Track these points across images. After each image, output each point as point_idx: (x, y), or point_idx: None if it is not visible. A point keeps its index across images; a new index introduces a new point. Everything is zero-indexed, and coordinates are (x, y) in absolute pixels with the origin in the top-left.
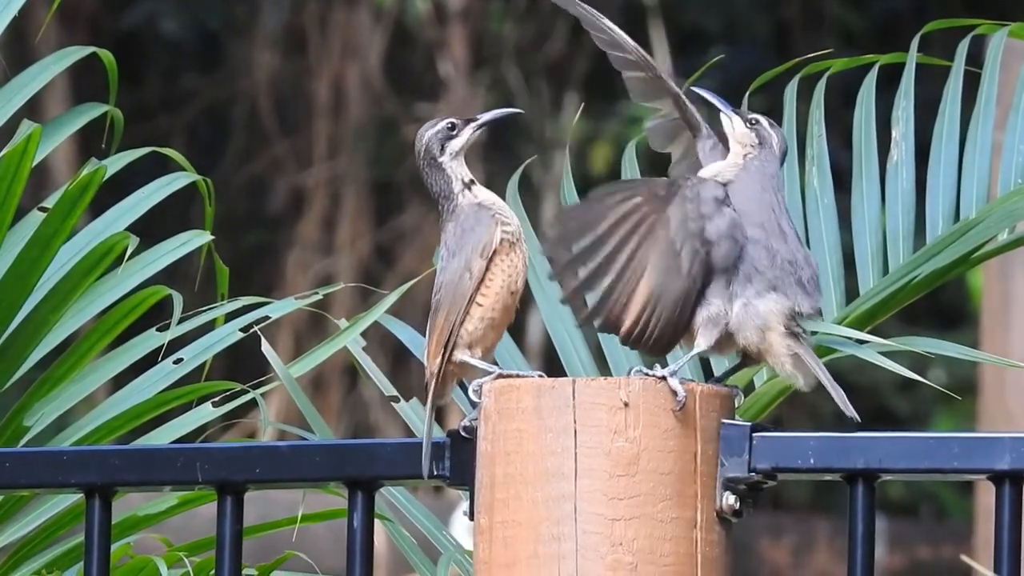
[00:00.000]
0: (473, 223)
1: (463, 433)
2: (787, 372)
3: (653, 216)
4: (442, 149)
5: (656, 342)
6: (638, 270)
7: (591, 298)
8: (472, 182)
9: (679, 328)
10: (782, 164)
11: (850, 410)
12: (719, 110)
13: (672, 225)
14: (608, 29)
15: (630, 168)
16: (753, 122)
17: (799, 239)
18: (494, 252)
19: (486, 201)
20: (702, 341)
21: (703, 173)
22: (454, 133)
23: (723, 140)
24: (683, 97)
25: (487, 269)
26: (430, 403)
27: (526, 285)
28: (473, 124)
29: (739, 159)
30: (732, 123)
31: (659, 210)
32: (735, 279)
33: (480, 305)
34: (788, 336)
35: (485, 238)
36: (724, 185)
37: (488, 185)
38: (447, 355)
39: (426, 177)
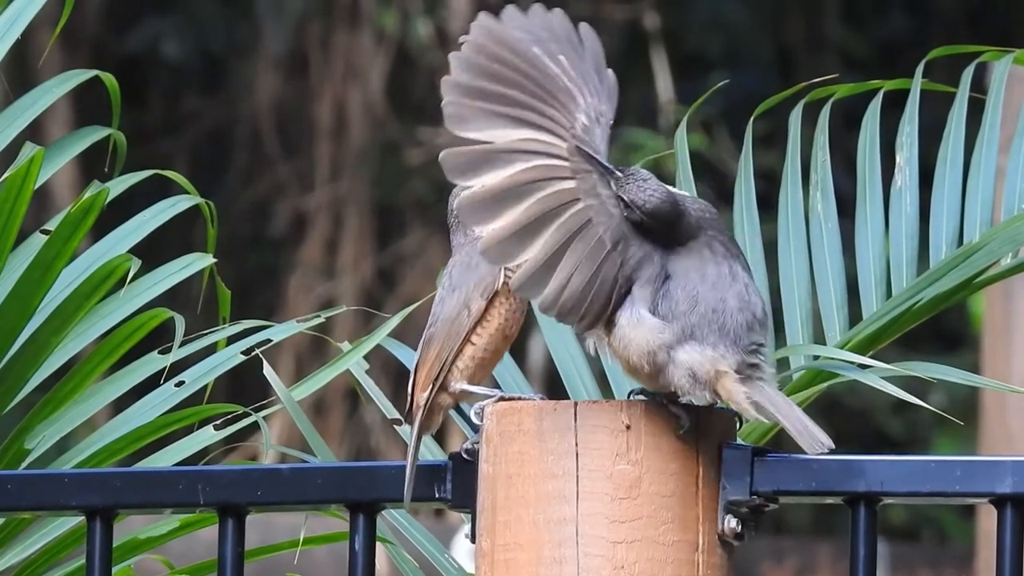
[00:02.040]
0: (478, 260)
1: (465, 456)
2: (751, 416)
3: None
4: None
5: (571, 312)
6: (560, 231)
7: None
8: None
9: (598, 309)
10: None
11: (819, 447)
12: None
13: (601, 197)
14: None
15: None
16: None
17: (742, 280)
18: (495, 293)
19: None
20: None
21: None
22: None
23: None
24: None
25: (486, 309)
26: (415, 434)
27: (528, 309)
28: None
29: None
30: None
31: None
32: (657, 308)
33: (473, 344)
34: (742, 382)
35: (488, 278)
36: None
37: None
38: (435, 388)
39: (451, 227)
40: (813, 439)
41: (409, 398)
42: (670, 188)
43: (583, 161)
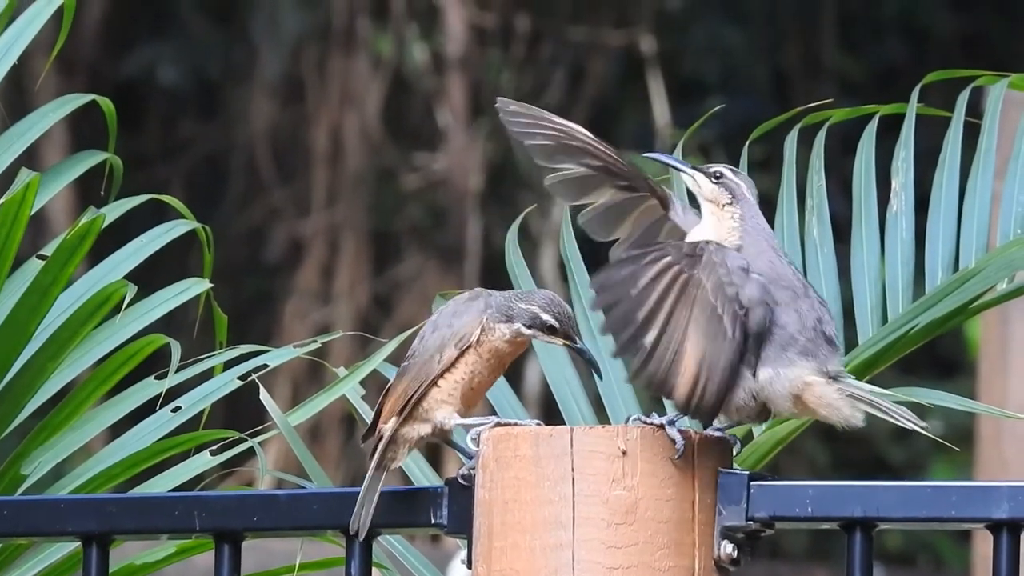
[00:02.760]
0: (464, 309)
1: (461, 481)
2: (845, 416)
3: (685, 275)
4: (527, 325)
5: (714, 407)
6: (680, 330)
7: (638, 355)
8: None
9: (728, 392)
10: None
11: (919, 423)
12: (680, 171)
13: (709, 288)
14: (563, 126)
15: None
16: (717, 176)
17: (814, 288)
18: (468, 347)
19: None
20: (722, 417)
21: (694, 236)
22: (545, 331)
23: (693, 201)
24: (644, 173)
25: (456, 360)
26: (374, 462)
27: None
28: (566, 341)
29: (729, 220)
30: (697, 182)
31: (689, 268)
32: (769, 344)
33: (439, 387)
34: (832, 383)
35: (466, 330)
36: (738, 251)
37: (486, 235)
38: (399, 421)
39: (507, 303)
40: (912, 418)
41: (371, 423)
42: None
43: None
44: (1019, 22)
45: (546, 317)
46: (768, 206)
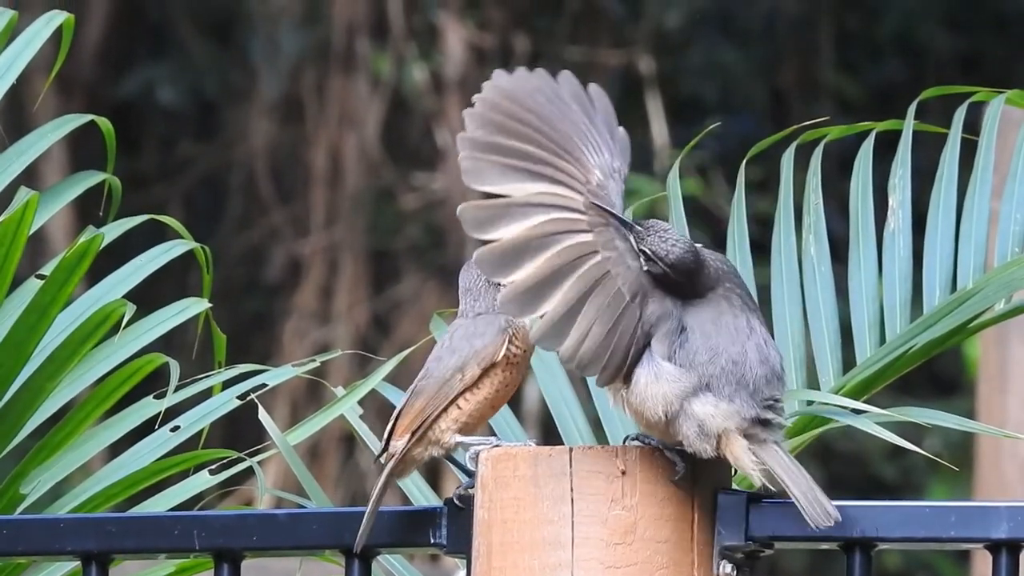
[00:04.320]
0: (484, 327)
1: (457, 502)
2: (757, 484)
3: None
4: None
5: (591, 365)
6: (579, 283)
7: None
8: None
9: (618, 362)
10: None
11: (826, 519)
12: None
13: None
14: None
15: None
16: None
17: (760, 334)
18: (492, 364)
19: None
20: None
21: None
22: None
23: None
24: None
25: (479, 378)
26: (383, 478)
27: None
28: None
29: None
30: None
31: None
32: (674, 358)
33: (459, 408)
34: (751, 445)
35: (490, 348)
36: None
37: None
38: (412, 439)
39: (473, 293)
40: (821, 511)
41: (384, 441)
42: (690, 240)
43: (599, 215)
44: (1017, 43)
45: None
46: (767, 226)
